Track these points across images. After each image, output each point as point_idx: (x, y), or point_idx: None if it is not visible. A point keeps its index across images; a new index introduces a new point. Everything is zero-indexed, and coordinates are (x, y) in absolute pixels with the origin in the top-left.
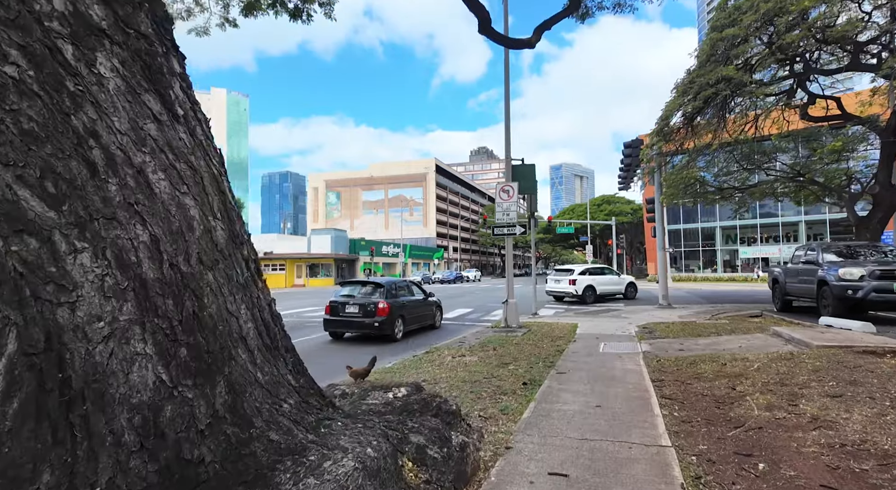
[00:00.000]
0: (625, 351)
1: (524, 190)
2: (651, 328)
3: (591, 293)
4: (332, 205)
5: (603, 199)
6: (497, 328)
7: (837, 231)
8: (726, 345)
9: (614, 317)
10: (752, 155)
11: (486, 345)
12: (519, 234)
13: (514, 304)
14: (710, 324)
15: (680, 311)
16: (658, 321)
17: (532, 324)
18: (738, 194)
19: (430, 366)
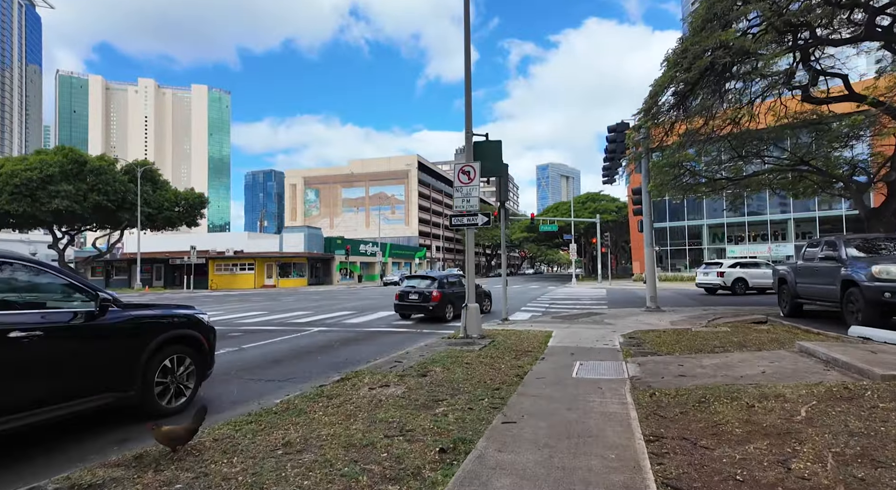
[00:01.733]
0: (606, 375)
1: (489, 172)
2: (639, 338)
3: (742, 285)
4: (310, 202)
5: (587, 196)
6: (454, 339)
7: (827, 229)
8: (743, 368)
9: (596, 323)
10: (748, 141)
11: (428, 366)
12: (482, 224)
13: (475, 311)
14: (710, 333)
15: (670, 316)
16: (647, 329)
17: (498, 333)
18: (730, 187)
19: (323, 408)
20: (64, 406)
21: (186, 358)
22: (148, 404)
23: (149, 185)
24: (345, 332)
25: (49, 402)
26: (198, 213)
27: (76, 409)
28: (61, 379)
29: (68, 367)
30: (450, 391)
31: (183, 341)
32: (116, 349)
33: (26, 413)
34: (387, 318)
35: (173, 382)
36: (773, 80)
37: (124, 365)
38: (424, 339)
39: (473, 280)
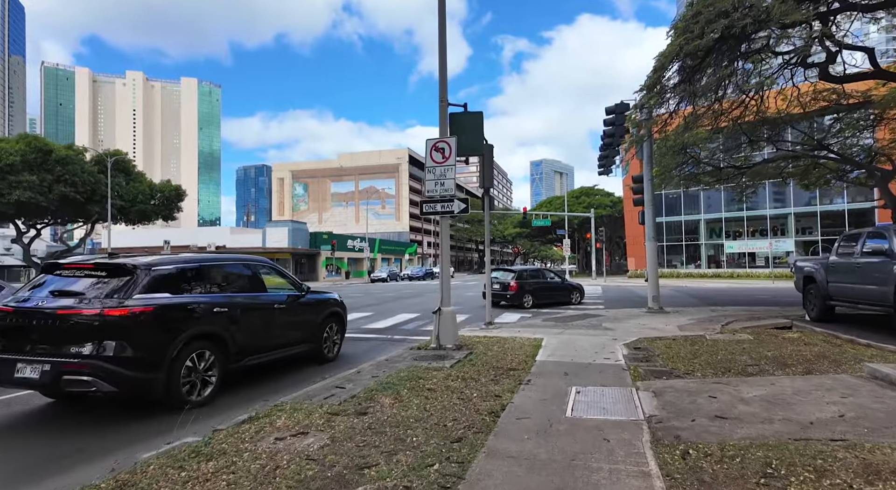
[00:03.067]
0: (613, 414)
1: (468, 149)
2: (646, 349)
3: None
4: (298, 197)
5: (581, 191)
6: (423, 350)
7: (828, 224)
8: (805, 406)
9: (593, 328)
10: (759, 125)
11: (377, 394)
12: (458, 212)
13: (450, 315)
14: (731, 342)
15: (676, 318)
16: (653, 335)
17: (479, 341)
18: (737, 176)
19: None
20: (290, 349)
21: (336, 324)
22: (320, 354)
23: (121, 176)
24: None
25: (285, 346)
26: (175, 206)
27: (292, 353)
28: (290, 333)
29: (293, 326)
30: (390, 446)
31: (336, 314)
32: (310, 317)
33: (277, 353)
34: (360, 320)
35: (329, 339)
36: (787, 58)
37: (314, 326)
38: (394, 348)
39: (449, 277)
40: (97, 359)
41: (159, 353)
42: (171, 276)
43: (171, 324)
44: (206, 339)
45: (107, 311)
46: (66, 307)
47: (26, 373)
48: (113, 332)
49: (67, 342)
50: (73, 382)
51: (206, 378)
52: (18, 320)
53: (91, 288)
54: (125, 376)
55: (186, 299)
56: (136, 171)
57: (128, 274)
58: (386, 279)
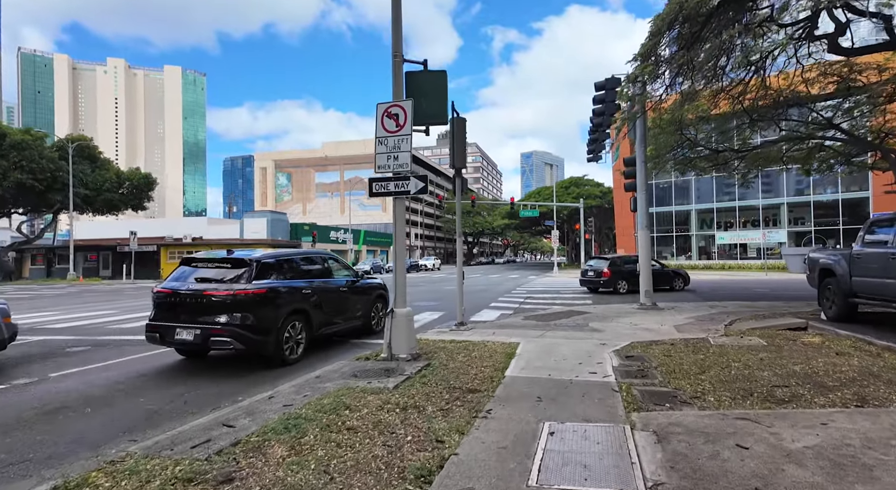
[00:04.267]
0: (598, 486)
1: (430, 116)
2: (641, 359)
3: None
4: (282, 187)
5: (571, 181)
6: (370, 361)
7: (821, 214)
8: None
9: (578, 329)
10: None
11: (268, 443)
12: (415, 192)
13: (405, 319)
14: (742, 348)
15: (672, 316)
16: (649, 339)
17: (442, 347)
18: (735, 160)
19: None
20: (350, 323)
21: (381, 304)
22: (368, 328)
23: (86, 163)
24: None
25: (347, 320)
26: (145, 195)
27: (351, 326)
28: (350, 310)
29: (352, 304)
30: None
31: (382, 296)
32: (364, 297)
33: (341, 325)
34: None
35: (377, 315)
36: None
37: (366, 305)
38: (343, 356)
39: (403, 271)
40: (232, 326)
41: (271, 322)
42: (274, 265)
43: (278, 301)
44: (299, 313)
45: (236, 291)
46: (209, 289)
47: (183, 335)
48: (241, 306)
49: (211, 313)
50: (218, 342)
51: (298, 343)
52: (175, 299)
53: (222, 275)
54: (250, 339)
55: (287, 283)
56: (102, 158)
57: (245, 265)
58: (370, 272)
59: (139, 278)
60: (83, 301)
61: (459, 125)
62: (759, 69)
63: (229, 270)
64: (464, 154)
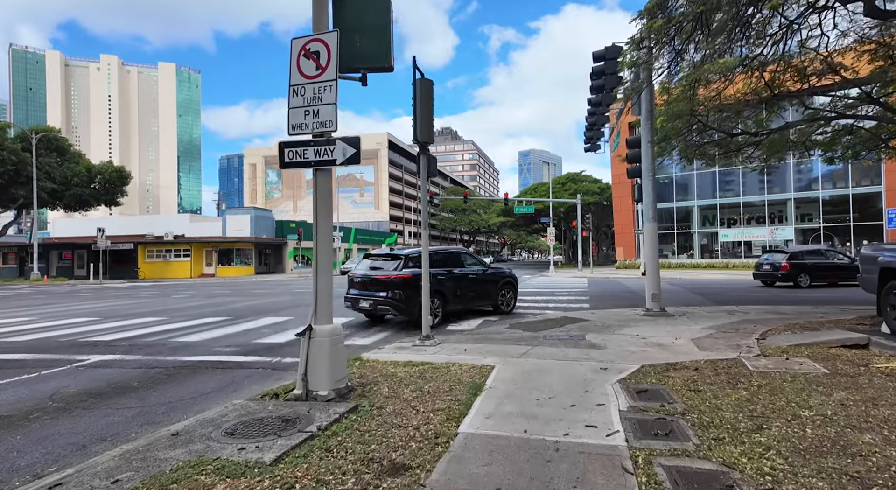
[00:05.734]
0: None
1: (365, 57)
2: (661, 396)
3: None
4: (272, 184)
5: (568, 177)
6: (275, 400)
7: (830, 211)
8: None
9: (573, 342)
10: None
11: None
12: (343, 161)
13: (329, 340)
14: (800, 379)
15: (687, 325)
16: (664, 360)
17: (390, 374)
18: (749, 147)
19: None
20: (480, 303)
21: (510, 291)
22: (497, 308)
23: (53, 155)
24: (136, 367)
25: (477, 301)
26: (118, 190)
27: (481, 306)
28: (478, 293)
29: (480, 289)
30: None
31: (509, 283)
32: (491, 284)
33: (473, 304)
34: (264, 330)
35: (504, 300)
36: None
37: (493, 290)
38: (251, 388)
39: (329, 275)
40: (391, 299)
41: (415, 298)
42: (417, 258)
43: (418, 283)
44: (436, 292)
45: (394, 276)
46: (377, 274)
47: (362, 304)
48: (395, 286)
49: (378, 290)
50: (382, 309)
51: (435, 314)
52: (360, 280)
53: (385, 265)
54: (401, 308)
55: None
56: (72, 151)
57: (399, 258)
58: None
59: (115, 278)
60: (12, 306)
61: (424, 89)
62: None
63: (390, 262)
64: (429, 124)
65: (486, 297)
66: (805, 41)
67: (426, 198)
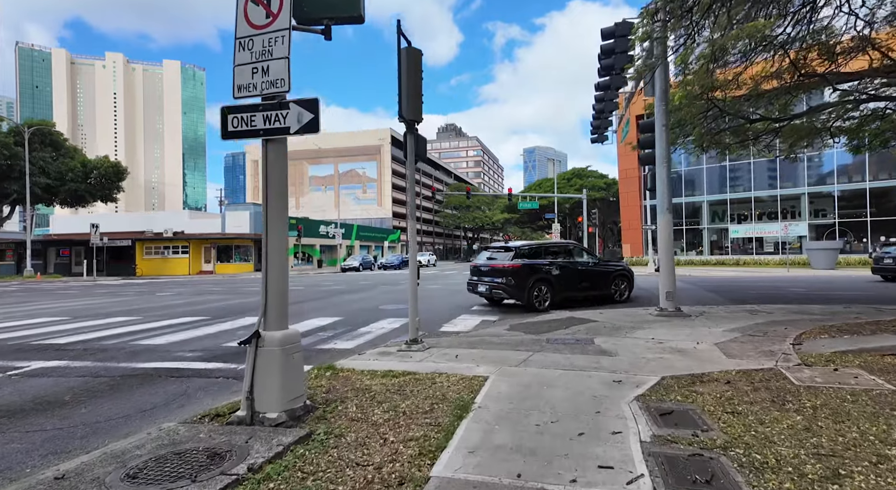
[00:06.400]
0: None
1: (327, 4)
2: (692, 421)
3: None
4: None
5: (573, 172)
6: (213, 426)
7: (845, 206)
8: None
9: (579, 347)
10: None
11: None
12: (298, 130)
13: (280, 351)
14: (859, 395)
15: (707, 327)
16: (686, 371)
17: (362, 388)
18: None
19: None
20: (589, 293)
21: (623, 282)
22: (609, 298)
23: (48, 150)
24: (79, 376)
25: (586, 291)
26: (114, 185)
27: (592, 295)
28: (588, 283)
29: (589, 280)
30: None
31: (623, 275)
32: (602, 275)
33: (583, 293)
34: (239, 331)
35: (618, 290)
36: None
37: (604, 282)
38: (203, 402)
39: (282, 272)
40: (504, 284)
41: (524, 284)
42: (526, 250)
43: (527, 272)
44: (543, 281)
45: (506, 265)
46: (493, 263)
47: (480, 289)
48: (507, 273)
49: (493, 276)
50: (496, 293)
51: (544, 299)
52: (478, 268)
53: (499, 255)
54: (513, 293)
55: (534, 262)
56: (67, 146)
57: (511, 250)
58: (358, 268)
59: (113, 275)
60: None
61: (411, 59)
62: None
63: (504, 253)
64: (417, 101)
65: (596, 287)
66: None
67: (412, 184)
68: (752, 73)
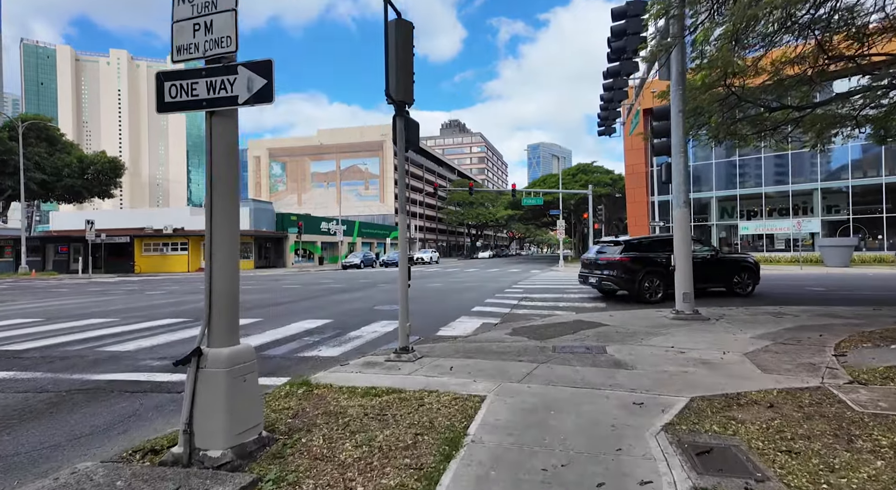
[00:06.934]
0: None
1: None
2: (738, 462)
3: None
4: (276, 177)
5: (578, 168)
6: (142, 469)
7: (859, 202)
8: None
9: (590, 360)
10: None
11: None
12: (252, 98)
13: (225, 371)
14: None
15: (731, 332)
16: (718, 389)
17: (335, 411)
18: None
19: None
20: (708, 285)
21: (746, 274)
22: (731, 292)
23: (43, 145)
24: (21, 390)
25: (704, 283)
26: (112, 181)
27: (708, 287)
28: (706, 274)
29: (708, 272)
30: None
31: (747, 268)
32: (721, 268)
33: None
34: None
35: (741, 283)
36: None
37: (724, 274)
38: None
39: (233, 273)
40: (613, 276)
41: (633, 277)
42: (635, 244)
43: (636, 265)
44: (653, 273)
45: (616, 258)
46: (603, 256)
47: (591, 280)
48: (616, 266)
49: (603, 269)
50: (607, 285)
51: (655, 291)
52: (589, 261)
53: (609, 248)
54: (622, 284)
55: (644, 255)
56: (63, 141)
57: (620, 244)
58: (360, 265)
59: (111, 272)
60: None
61: (401, 33)
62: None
63: (613, 247)
64: (408, 79)
65: (713, 279)
66: None
67: (402, 174)
68: (773, 57)
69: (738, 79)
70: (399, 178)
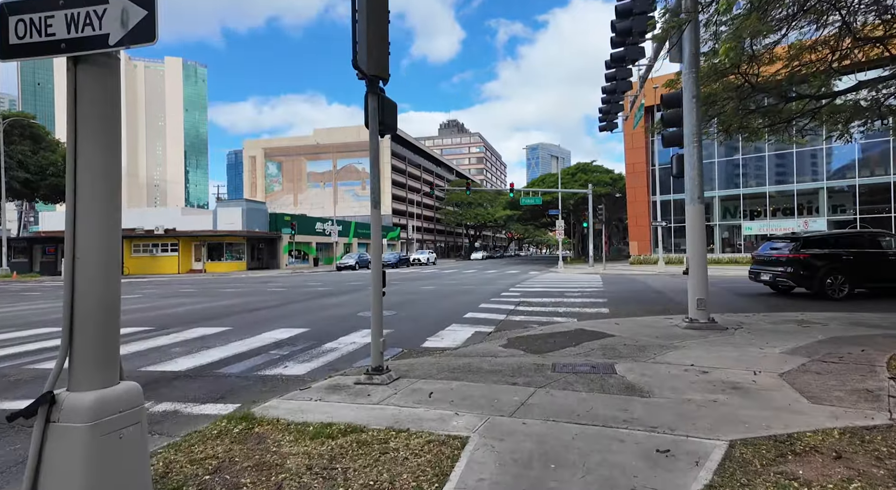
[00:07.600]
0: None
1: None
2: None
3: None
4: (272, 177)
5: (578, 167)
6: None
7: (866, 201)
8: None
9: (597, 383)
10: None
11: None
12: (126, 35)
13: (95, 428)
14: None
15: (758, 345)
16: (768, 431)
17: (275, 462)
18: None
19: None
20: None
21: None
22: None
23: (27, 143)
24: None
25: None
26: None
27: None
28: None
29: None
30: None
31: None
32: None
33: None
34: (165, 351)
35: None
36: None
37: None
38: None
39: (112, 283)
40: (791, 273)
41: (812, 273)
42: (815, 240)
43: (816, 262)
44: (836, 270)
45: (792, 255)
46: (777, 253)
47: (763, 277)
48: (794, 263)
49: (777, 266)
50: (782, 282)
51: (840, 288)
52: (761, 258)
53: (784, 245)
54: (799, 281)
55: (822, 251)
56: (49, 139)
57: (797, 240)
58: (354, 267)
59: None
60: None
61: None
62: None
63: (788, 243)
64: (382, 48)
65: None
66: None
67: (376, 162)
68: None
69: (752, 66)
70: (371, 166)
